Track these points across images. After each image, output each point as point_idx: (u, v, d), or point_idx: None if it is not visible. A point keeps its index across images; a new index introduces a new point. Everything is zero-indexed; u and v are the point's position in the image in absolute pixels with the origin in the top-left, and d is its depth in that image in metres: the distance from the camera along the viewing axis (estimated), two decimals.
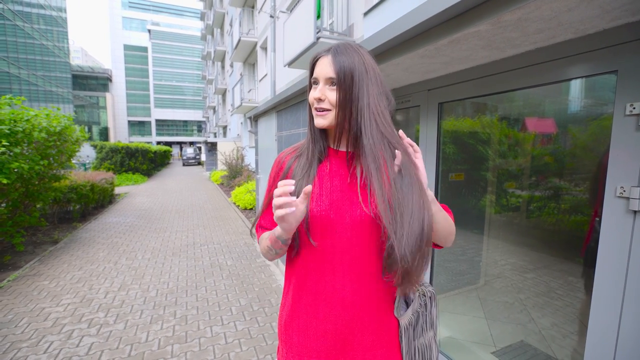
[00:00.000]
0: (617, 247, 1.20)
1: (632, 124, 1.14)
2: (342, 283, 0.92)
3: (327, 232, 0.91)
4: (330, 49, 0.92)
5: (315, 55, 0.93)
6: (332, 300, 0.93)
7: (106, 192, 8.86)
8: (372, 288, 0.94)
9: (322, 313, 0.94)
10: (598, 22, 1.16)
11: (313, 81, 0.94)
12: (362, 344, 0.95)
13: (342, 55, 0.89)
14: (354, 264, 0.92)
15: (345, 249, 0.91)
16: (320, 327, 0.94)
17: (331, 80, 0.89)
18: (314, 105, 0.92)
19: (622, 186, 1.17)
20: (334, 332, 0.93)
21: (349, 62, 0.88)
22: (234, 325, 3.06)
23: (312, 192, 0.93)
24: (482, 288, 2.78)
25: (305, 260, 0.96)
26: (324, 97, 0.90)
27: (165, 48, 53.73)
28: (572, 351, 1.99)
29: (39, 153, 4.85)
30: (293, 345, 0.98)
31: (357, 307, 0.93)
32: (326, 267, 0.93)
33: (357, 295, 0.93)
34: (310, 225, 0.92)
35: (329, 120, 0.91)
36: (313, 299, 0.95)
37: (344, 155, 0.98)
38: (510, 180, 2.63)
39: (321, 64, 0.91)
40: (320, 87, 0.90)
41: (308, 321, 0.95)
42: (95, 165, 15.94)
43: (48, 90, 28.28)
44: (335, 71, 0.88)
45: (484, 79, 1.75)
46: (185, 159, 31.59)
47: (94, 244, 5.61)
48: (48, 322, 3.04)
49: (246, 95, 14.36)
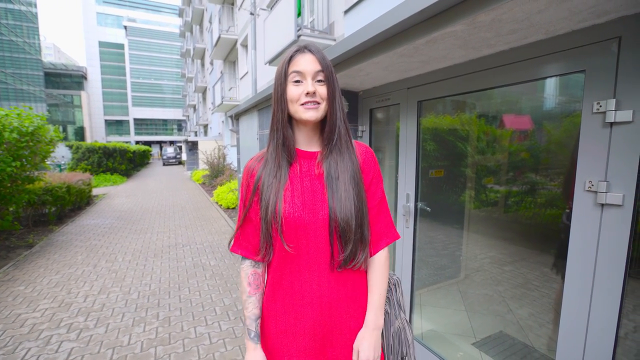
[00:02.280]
0: (587, 238, 1.26)
1: (599, 121, 1.20)
2: (319, 282, 0.94)
3: (301, 233, 0.93)
4: (305, 47, 0.94)
5: (291, 53, 0.94)
6: (310, 299, 0.94)
7: (83, 193, 8.60)
8: (347, 285, 0.97)
9: (299, 313, 0.95)
10: (567, 23, 1.21)
11: (294, 77, 0.93)
12: (341, 341, 0.97)
13: (319, 52, 0.93)
14: (328, 262, 0.94)
15: (319, 248, 0.93)
16: (298, 328, 0.95)
17: (319, 75, 0.92)
18: (302, 100, 0.92)
19: (590, 180, 1.22)
20: (312, 331, 0.94)
21: (327, 60, 0.94)
22: (218, 325, 3.03)
23: (285, 195, 0.94)
24: (462, 281, 2.85)
25: (280, 262, 0.97)
26: (315, 90, 0.92)
27: (143, 45, 52.41)
28: (548, 339, 2.08)
29: (10, 154, 4.67)
30: (269, 347, 0.99)
31: (334, 306, 0.95)
32: (302, 267, 0.94)
33: (334, 293, 0.95)
34: (284, 228, 0.93)
35: (321, 113, 0.94)
36: (289, 300, 0.96)
37: (314, 155, 1.00)
38: (488, 176, 2.69)
39: (304, 61, 0.92)
40: (309, 81, 0.92)
41: (286, 322, 0.96)
42: (72, 166, 15.42)
43: (19, 88, 27.20)
44: (322, 66, 0.92)
45: (461, 77, 1.80)
46: (165, 158, 30.96)
47: (72, 247, 5.45)
48: (24, 329, 2.94)
49: (227, 94, 14.19)
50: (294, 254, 0.94)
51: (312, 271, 0.94)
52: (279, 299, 0.97)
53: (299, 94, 0.92)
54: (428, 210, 2.26)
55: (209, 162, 13.64)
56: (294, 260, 0.95)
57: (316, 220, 0.92)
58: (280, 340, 0.97)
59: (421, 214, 2.31)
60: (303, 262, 0.94)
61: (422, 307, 2.66)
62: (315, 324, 0.94)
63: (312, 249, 0.93)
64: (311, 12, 6.59)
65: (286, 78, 0.94)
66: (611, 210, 1.18)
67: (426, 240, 2.65)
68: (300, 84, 0.92)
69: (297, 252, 0.94)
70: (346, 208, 0.91)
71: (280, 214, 0.91)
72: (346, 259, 0.92)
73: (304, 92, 0.91)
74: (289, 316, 0.96)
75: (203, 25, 22.53)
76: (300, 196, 0.94)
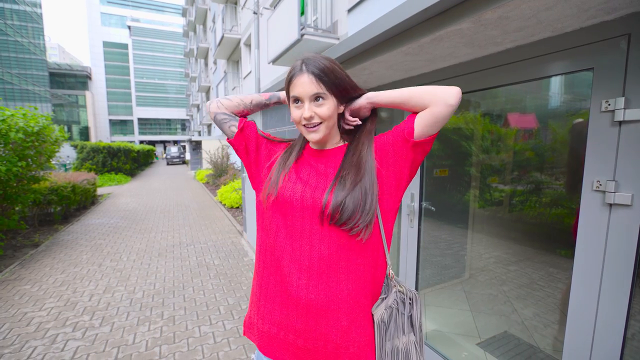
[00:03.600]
0: (594, 239, 1.24)
1: (607, 120, 1.18)
2: (308, 275, 0.91)
3: (292, 213, 0.95)
4: (302, 64, 0.93)
5: (291, 74, 0.95)
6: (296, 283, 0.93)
7: (88, 193, 8.66)
8: (341, 282, 0.92)
9: (284, 299, 0.95)
10: (575, 20, 1.20)
11: (294, 101, 0.95)
12: (333, 341, 0.92)
13: (314, 63, 0.92)
14: (322, 259, 0.92)
15: (314, 238, 0.92)
16: (284, 321, 0.95)
17: (315, 96, 0.92)
18: (302, 123, 0.95)
19: (598, 180, 1.21)
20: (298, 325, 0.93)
21: (327, 70, 0.92)
22: (222, 324, 3.04)
23: (289, 175, 0.99)
24: (467, 281, 2.84)
25: (272, 252, 0.98)
26: (313, 114, 0.92)
27: (147, 45, 52.57)
28: (553, 340, 2.06)
29: (16, 154, 4.71)
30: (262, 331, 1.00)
31: (325, 296, 0.91)
32: (293, 265, 0.94)
33: (327, 285, 0.92)
34: (278, 204, 0.96)
35: (322, 133, 0.95)
36: (279, 283, 0.96)
37: (337, 150, 1.03)
38: (493, 175, 2.68)
39: (300, 84, 0.92)
40: (306, 105, 0.92)
41: (273, 306, 0.97)
42: (76, 166, 15.53)
43: (24, 89, 27.39)
44: (317, 85, 0.91)
45: (466, 76, 1.78)
46: (169, 158, 31.07)
47: (77, 246, 5.48)
48: (31, 327, 2.96)
49: (230, 93, 14.21)
50: (283, 244, 0.96)
51: (302, 267, 0.93)
52: (271, 287, 0.98)
53: (300, 117, 0.94)
54: (433, 209, 2.25)
55: (213, 161, 13.68)
56: (283, 251, 0.96)
57: (307, 206, 0.93)
58: (267, 328, 0.99)
59: (425, 214, 2.29)
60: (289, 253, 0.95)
61: (426, 307, 2.65)
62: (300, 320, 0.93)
63: (305, 235, 0.94)
64: (314, 11, 6.57)
65: (289, 99, 0.98)
66: (619, 210, 1.17)
67: (430, 240, 2.64)
68: (301, 107, 0.94)
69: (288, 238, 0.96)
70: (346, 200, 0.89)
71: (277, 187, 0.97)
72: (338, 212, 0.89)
73: (302, 116, 0.93)
74: (277, 295, 0.98)
75: (206, 25, 22.57)
76: (301, 182, 0.97)
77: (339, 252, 0.91)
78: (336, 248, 0.90)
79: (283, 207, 0.96)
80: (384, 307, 0.94)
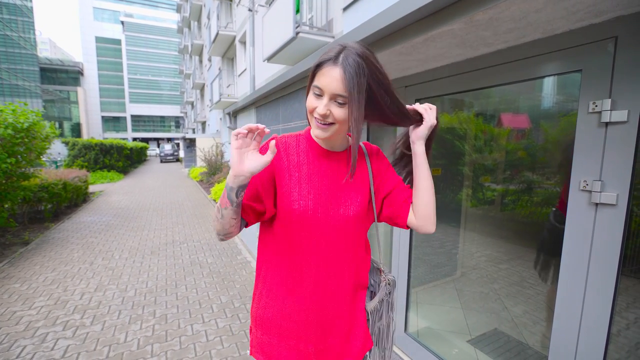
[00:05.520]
0: (581, 237, 1.27)
1: (594, 121, 1.20)
2: (317, 279, 0.95)
3: (310, 229, 0.92)
4: (338, 56, 0.81)
5: (321, 60, 0.84)
6: (309, 292, 0.95)
7: (80, 190, 8.56)
8: (350, 283, 1.00)
9: (296, 306, 0.96)
10: (564, 22, 1.22)
11: (315, 89, 0.85)
12: (336, 343, 1.00)
13: (352, 67, 0.80)
14: (333, 264, 0.96)
15: (330, 246, 0.94)
16: (294, 323, 0.97)
17: (339, 97, 0.82)
18: (315, 116, 0.86)
19: (585, 180, 1.23)
20: (308, 326, 0.97)
21: (359, 77, 0.80)
22: (215, 322, 3.04)
23: (300, 188, 0.93)
24: (458, 279, 2.86)
25: (284, 252, 0.97)
26: (329, 112, 0.84)
27: (140, 41, 52.11)
28: (542, 337, 2.09)
29: (5, 151, 4.64)
30: (269, 332, 1.00)
31: (335, 302, 0.97)
32: (311, 262, 0.94)
33: (337, 290, 0.97)
34: (292, 220, 0.92)
35: (330, 133, 0.88)
36: (288, 293, 0.97)
37: (341, 156, 0.99)
38: (485, 175, 2.70)
39: (328, 77, 0.81)
40: (325, 101, 0.83)
41: (283, 313, 0.97)
42: (68, 163, 15.32)
43: (14, 84, 26.97)
44: (346, 89, 0.80)
45: (458, 76, 1.80)
46: (163, 155, 30.86)
47: (68, 244, 5.43)
48: (20, 326, 2.93)
49: (225, 91, 14.14)
50: (299, 248, 0.96)
51: (313, 269, 0.96)
52: (280, 294, 0.99)
53: (314, 108, 0.86)
54: None
55: (207, 159, 13.60)
56: (299, 253, 0.96)
57: (327, 221, 0.95)
58: (277, 330, 0.99)
59: None
60: (305, 257, 0.96)
61: (418, 304, 2.68)
62: (312, 317, 0.97)
63: (322, 246, 0.96)
64: (310, 9, 6.57)
65: (311, 83, 0.87)
66: (605, 210, 1.19)
67: (423, 238, 2.66)
68: (319, 99, 0.85)
69: (300, 245, 0.97)
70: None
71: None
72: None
73: (317, 111, 0.85)
74: (286, 308, 0.99)
75: (201, 22, 22.42)
76: (316, 192, 0.95)
77: (356, 255, 1.02)
78: (353, 249, 1.01)
79: (306, 223, 0.92)
80: (377, 300, 1.07)
